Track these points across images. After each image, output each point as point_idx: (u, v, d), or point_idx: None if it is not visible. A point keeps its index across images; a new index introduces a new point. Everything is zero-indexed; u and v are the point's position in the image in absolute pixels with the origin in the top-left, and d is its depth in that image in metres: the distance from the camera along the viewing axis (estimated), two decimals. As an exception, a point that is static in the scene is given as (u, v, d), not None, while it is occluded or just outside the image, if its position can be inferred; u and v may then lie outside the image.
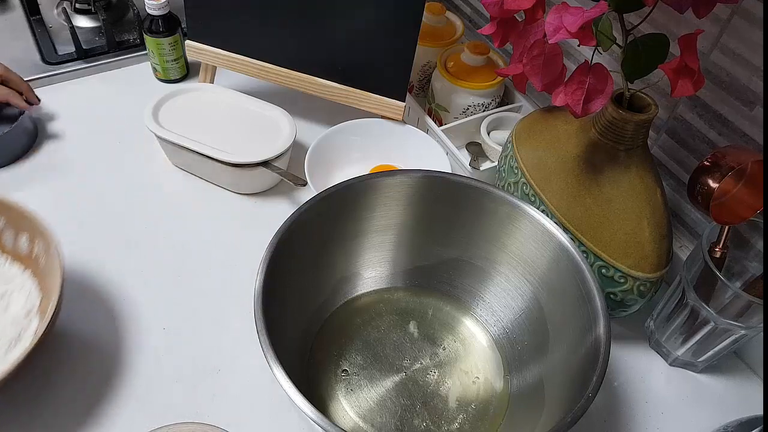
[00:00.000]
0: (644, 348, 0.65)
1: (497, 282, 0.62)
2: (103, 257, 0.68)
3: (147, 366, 0.59)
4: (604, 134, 0.56)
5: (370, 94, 0.76)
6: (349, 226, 0.61)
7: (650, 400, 0.61)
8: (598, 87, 0.50)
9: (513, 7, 0.51)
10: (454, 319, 0.64)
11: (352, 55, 0.75)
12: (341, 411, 0.56)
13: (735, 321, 0.55)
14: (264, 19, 0.76)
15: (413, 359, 0.60)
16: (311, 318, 0.61)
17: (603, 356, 0.47)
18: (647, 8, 0.49)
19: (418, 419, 0.56)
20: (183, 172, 0.78)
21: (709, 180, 0.53)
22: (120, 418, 0.56)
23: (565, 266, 0.54)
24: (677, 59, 0.48)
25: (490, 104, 0.81)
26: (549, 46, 0.51)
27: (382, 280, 0.66)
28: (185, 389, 0.58)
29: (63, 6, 0.99)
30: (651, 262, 0.56)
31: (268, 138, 0.74)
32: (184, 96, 0.79)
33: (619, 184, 0.56)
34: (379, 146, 0.77)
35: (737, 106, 0.57)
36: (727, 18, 0.55)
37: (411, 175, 0.59)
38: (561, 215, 0.59)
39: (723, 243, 0.56)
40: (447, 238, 0.63)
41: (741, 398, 0.62)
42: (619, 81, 0.53)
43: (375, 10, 0.71)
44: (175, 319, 0.63)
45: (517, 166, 0.64)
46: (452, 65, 0.80)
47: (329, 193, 0.57)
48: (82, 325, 0.62)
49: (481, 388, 0.59)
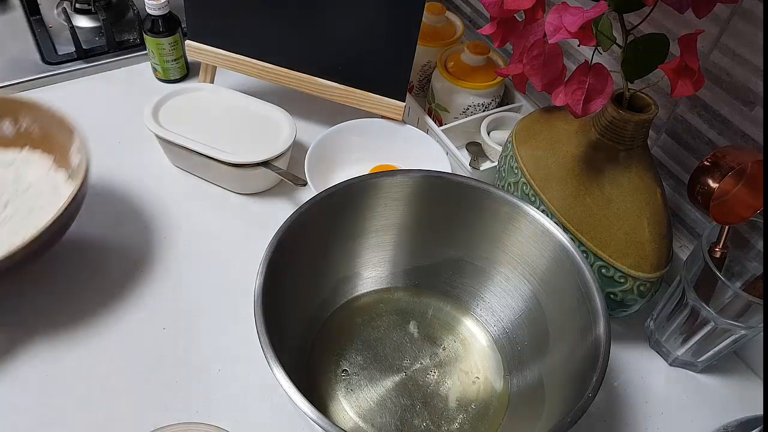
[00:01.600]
0: (644, 348, 0.65)
1: (497, 282, 0.62)
2: (103, 257, 0.68)
3: (147, 366, 0.59)
4: (604, 134, 0.56)
5: (370, 94, 0.76)
6: (349, 226, 0.61)
7: (650, 400, 0.61)
8: (598, 87, 0.50)
9: (513, 7, 0.51)
10: (454, 319, 0.64)
11: (352, 55, 0.75)
12: (341, 411, 0.56)
13: (735, 321, 0.55)
14: (264, 19, 0.76)
15: (413, 359, 0.60)
16: (311, 318, 0.61)
17: (603, 356, 0.47)
18: (647, 8, 0.49)
19: (418, 419, 0.56)
20: (183, 172, 0.78)
21: (709, 180, 0.52)
22: (120, 417, 0.56)
23: (565, 266, 0.54)
24: (677, 59, 0.48)
25: (490, 104, 0.81)
26: (549, 46, 0.51)
27: (382, 280, 0.66)
28: (185, 389, 0.58)
29: (63, 6, 0.99)
30: (651, 262, 0.56)
31: (268, 138, 0.74)
32: (184, 96, 0.79)
33: (619, 184, 0.56)
34: (379, 146, 0.77)
35: (737, 106, 0.57)
36: (727, 18, 0.55)
37: (411, 175, 0.59)
38: (561, 215, 0.59)
39: (723, 243, 0.56)
40: (447, 238, 0.63)
41: (741, 398, 0.62)
42: (619, 81, 0.53)
43: (375, 10, 0.71)
44: (175, 319, 0.63)
45: (517, 166, 0.64)
46: (452, 65, 0.80)
47: (329, 193, 0.57)
48: (82, 325, 0.62)
49: (481, 388, 0.59)
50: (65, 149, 0.62)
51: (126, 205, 0.74)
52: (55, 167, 0.63)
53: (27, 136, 0.63)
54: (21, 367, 0.59)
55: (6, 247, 0.52)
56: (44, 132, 0.62)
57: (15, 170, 0.64)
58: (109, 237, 0.70)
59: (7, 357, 0.59)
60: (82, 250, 0.68)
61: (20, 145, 0.64)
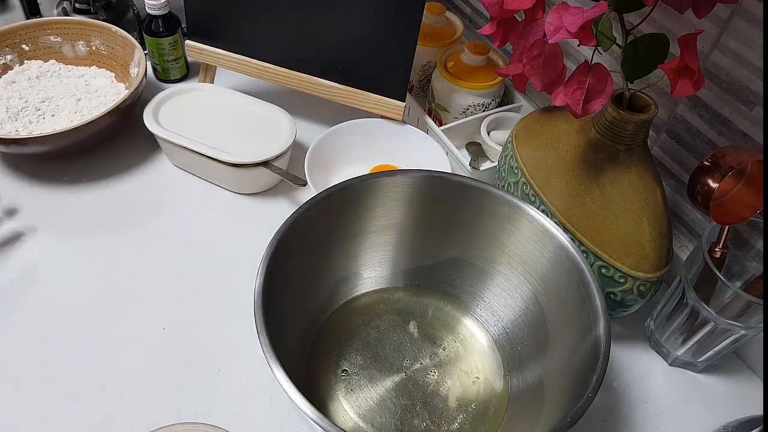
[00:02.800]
0: (644, 348, 0.65)
1: (497, 282, 0.62)
2: (103, 257, 0.68)
3: (147, 366, 0.59)
4: (604, 134, 0.56)
5: (370, 94, 0.76)
6: (348, 226, 0.61)
7: (650, 400, 0.61)
8: (598, 87, 0.50)
9: (513, 7, 0.51)
10: (454, 319, 0.64)
11: (352, 55, 0.75)
12: (341, 411, 0.56)
13: (735, 321, 0.55)
14: (264, 19, 0.76)
15: (413, 359, 0.60)
16: (311, 318, 0.61)
17: (603, 356, 0.47)
18: (647, 8, 0.49)
19: (418, 419, 0.56)
20: (183, 172, 0.78)
21: (709, 180, 0.52)
22: (120, 417, 0.56)
23: (565, 266, 0.54)
24: (677, 59, 0.48)
25: (490, 104, 0.81)
26: (549, 46, 0.51)
27: (381, 280, 0.66)
28: (185, 389, 0.58)
29: (63, 6, 0.98)
30: (651, 262, 0.56)
31: (268, 138, 0.74)
32: (184, 96, 0.79)
33: (619, 184, 0.56)
34: (379, 146, 0.77)
35: (737, 106, 0.57)
36: (727, 18, 0.55)
37: (411, 175, 0.59)
38: (561, 215, 0.59)
39: (723, 243, 0.56)
40: (447, 238, 0.63)
41: (741, 398, 0.62)
42: (619, 81, 0.53)
43: (375, 10, 0.71)
44: (175, 319, 0.63)
45: (517, 166, 0.64)
46: (452, 65, 0.80)
47: (329, 193, 0.57)
48: (81, 325, 0.62)
49: (481, 388, 0.59)
50: (125, 66, 0.83)
51: (125, 205, 0.74)
52: (116, 80, 0.85)
53: (97, 55, 0.86)
54: (21, 366, 0.59)
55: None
56: (110, 51, 0.85)
57: (86, 80, 0.84)
58: (109, 236, 0.70)
59: (8, 357, 0.59)
60: (80, 250, 0.69)
61: (89, 63, 0.86)
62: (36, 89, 0.81)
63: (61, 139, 0.71)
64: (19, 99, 0.79)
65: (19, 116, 0.77)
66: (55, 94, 0.80)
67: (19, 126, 0.76)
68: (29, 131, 0.75)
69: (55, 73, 0.84)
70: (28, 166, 0.77)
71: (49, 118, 0.78)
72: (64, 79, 0.83)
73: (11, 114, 0.77)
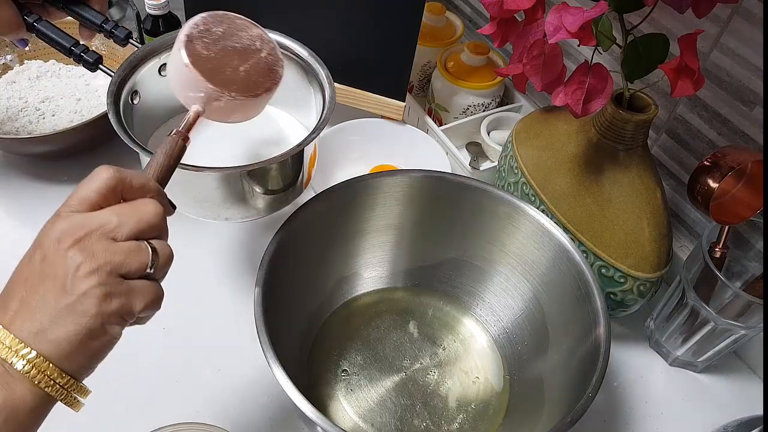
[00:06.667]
0: (644, 348, 0.65)
1: (497, 282, 0.62)
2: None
3: (147, 366, 0.59)
4: (604, 134, 0.56)
5: (370, 94, 0.76)
6: (349, 226, 0.61)
7: (650, 400, 0.61)
8: (598, 87, 0.50)
9: (513, 7, 0.51)
10: (454, 319, 0.64)
11: (352, 55, 0.74)
12: (341, 411, 0.56)
13: (735, 321, 0.55)
14: (263, 20, 0.76)
15: (413, 359, 0.60)
16: (311, 318, 0.61)
17: (603, 356, 0.47)
18: (647, 8, 0.49)
19: (418, 419, 0.56)
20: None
21: (709, 180, 0.52)
22: (120, 417, 0.56)
23: (565, 266, 0.54)
24: (677, 59, 0.48)
25: (490, 104, 0.81)
26: (549, 46, 0.51)
27: (381, 280, 0.66)
28: (185, 389, 0.58)
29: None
30: (651, 262, 0.56)
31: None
32: (184, 96, 0.78)
33: (619, 184, 0.56)
34: (379, 146, 0.77)
35: (737, 106, 0.57)
36: (727, 18, 0.55)
37: (411, 175, 0.59)
38: (561, 215, 0.59)
39: (723, 243, 0.56)
40: (447, 238, 0.63)
41: (741, 398, 0.62)
42: (619, 81, 0.53)
43: (375, 10, 0.71)
44: (175, 319, 0.63)
45: (517, 166, 0.64)
46: (452, 65, 0.80)
47: (329, 193, 0.57)
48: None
49: (481, 388, 0.59)
50: None
51: (126, 205, 0.74)
52: None
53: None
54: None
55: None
56: (110, 51, 0.85)
57: (86, 80, 0.83)
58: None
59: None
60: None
61: None
62: (36, 89, 0.81)
63: (61, 139, 0.71)
64: (19, 99, 0.79)
65: (19, 116, 0.77)
66: (55, 94, 0.80)
67: (19, 126, 0.76)
68: (29, 131, 0.75)
69: (55, 73, 0.84)
70: (28, 166, 0.77)
71: (49, 118, 0.78)
72: (64, 79, 0.83)
73: (11, 114, 0.77)
